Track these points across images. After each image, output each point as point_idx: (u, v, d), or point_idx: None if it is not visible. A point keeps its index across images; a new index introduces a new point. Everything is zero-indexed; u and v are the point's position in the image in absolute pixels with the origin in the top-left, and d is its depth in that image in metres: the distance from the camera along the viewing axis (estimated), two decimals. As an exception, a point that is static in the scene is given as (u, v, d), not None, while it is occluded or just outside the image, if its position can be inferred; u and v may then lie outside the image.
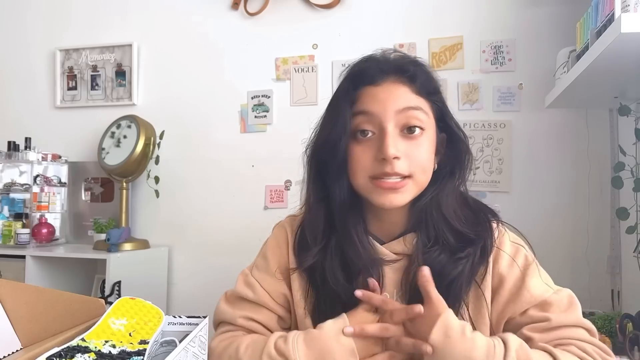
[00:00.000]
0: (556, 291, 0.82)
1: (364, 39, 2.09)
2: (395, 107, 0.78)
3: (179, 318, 0.75)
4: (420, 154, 0.79)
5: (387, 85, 0.80)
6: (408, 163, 0.78)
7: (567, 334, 0.77)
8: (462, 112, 1.97)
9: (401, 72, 0.81)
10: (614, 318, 1.43)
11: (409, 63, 0.82)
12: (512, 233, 0.89)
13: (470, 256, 0.81)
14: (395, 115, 0.78)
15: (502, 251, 0.84)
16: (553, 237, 1.85)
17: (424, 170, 0.80)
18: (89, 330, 0.64)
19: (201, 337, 0.71)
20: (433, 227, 0.82)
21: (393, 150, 0.75)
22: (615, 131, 1.78)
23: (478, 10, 1.98)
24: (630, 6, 1.07)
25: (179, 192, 2.29)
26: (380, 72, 0.81)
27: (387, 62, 0.83)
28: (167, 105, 2.33)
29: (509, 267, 0.83)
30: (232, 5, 2.25)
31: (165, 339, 0.70)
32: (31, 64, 2.53)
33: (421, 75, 0.81)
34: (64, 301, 0.65)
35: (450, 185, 0.85)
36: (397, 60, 0.83)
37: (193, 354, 0.67)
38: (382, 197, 0.79)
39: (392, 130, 0.77)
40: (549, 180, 1.89)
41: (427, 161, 0.80)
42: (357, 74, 0.84)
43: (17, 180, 2.31)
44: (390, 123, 0.78)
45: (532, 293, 0.80)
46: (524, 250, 0.85)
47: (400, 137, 0.78)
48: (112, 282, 1.90)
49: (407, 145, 0.78)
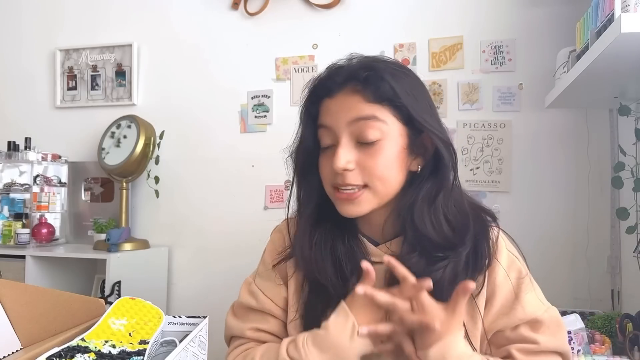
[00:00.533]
0: (547, 309, 0.82)
1: (364, 39, 2.09)
2: (346, 119, 0.78)
3: (179, 318, 0.75)
4: (375, 163, 0.78)
5: (340, 97, 0.80)
6: (362, 173, 0.78)
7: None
8: (462, 112, 1.97)
9: (354, 80, 0.79)
10: (614, 318, 1.43)
11: (361, 69, 0.80)
12: (507, 240, 0.89)
13: (449, 266, 0.79)
14: (348, 127, 0.78)
15: (497, 261, 0.83)
16: (553, 237, 1.85)
17: (381, 179, 0.79)
18: (89, 330, 0.64)
19: (201, 337, 0.71)
20: (410, 233, 0.81)
21: (342, 162, 0.77)
22: (615, 131, 1.78)
23: (478, 10, 1.98)
24: (630, 6, 1.07)
25: (179, 192, 2.29)
26: (335, 83, 0.81)
27: (341, 72, 0.82)
28: (167, 105, 2.33)
29: (504, 279, 0.82)
30: (232, 5, 2.25)
31: (165, 339, 0.70)
32: (31, 64, 2.53)
33: (375, 80, 0.78)
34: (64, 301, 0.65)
35: (430, 187, 0.82)
36: (351, 67, 0.82)
37: (193, 354, 0.67)
38: (341, 207, 0.81)
39: (345, 142, 0.78)
40: (549, 180, 1.89)
41: (386, 169, 0.79)
42: (316, 88, 0.85)
43: (17, 180, 2.31)
44: (344, 135, 0.78)
45: (525, 309, 0.81)
46: (519, 263, 0.85)
47: (355, 148, 0.79)
48: (112, 282, 1.90)
49: (362, 155, 0.78)
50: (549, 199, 1.88)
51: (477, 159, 1.95)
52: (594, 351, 1.25)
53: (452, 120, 1.96)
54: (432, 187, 0.82)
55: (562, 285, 1.81)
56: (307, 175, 0.87)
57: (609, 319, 1.44)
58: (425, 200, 0.81)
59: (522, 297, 0.81)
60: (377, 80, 0.78)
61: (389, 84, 0.78)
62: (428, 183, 0.82)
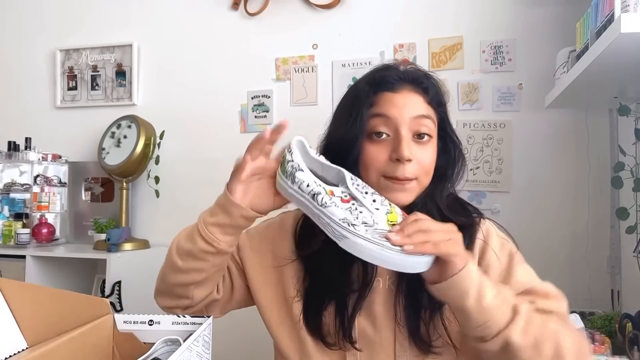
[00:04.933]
0: (542, 283, 0.87)
1: (364, 39, 2.10)
2: (410, 113, 0.84)
3: (183, 317, 0.75)
4: (427, 158, 0.84)
5: (404, 93, 0.86)
6: (416, 166, 0.83)
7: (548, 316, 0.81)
8: (462, 112, 1.98)
9: (417, 83, 0.87)
10: (613, 318, 1.44)
11: (423, 76, 0.89)
12: (496, 228, 0.94)
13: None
14: (410, 121, 0.84)
15: (488, 245, 0.89)
16: (553, 237, 1.85)
17: (427, 173, 0.85)
18: None
19: (205, 337, 0.71)
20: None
21: (408, 152, 0.81)
22: (615, 131, 1.78)
23: (478, 10, 1.99)
24: (630, 6, 1.08)
25: (179, 192, 2.29)
26: (399, 80, 0.87)
27: (404, 73, 0.89)
28: (167, 105, 2.33)
29: (495, 260, 0.87)
30: (232, 6, 2.25)
31: (169, 338, 0.71)
32: (31, 64, 2.53)
33: (432, 88, 0.88)
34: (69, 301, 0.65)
35: (441, 187, 0.89)
36: (413, 72, 0.89)
37: (197, 353, 0.67)
38: (391, 194, 0.82)
39: (406, 134, 0.83)
40: (548, 180, 1.89)
41: (431, 165, 0.86)
42: (377, 80, 0.89)
43: (17, 180, 2.31)
44: (405, 127, 0.83)
45: (518, 279, 0.85)
46: (510, 244, 0.92)
47: (412, 142, 0.84)
48: (112, 282, 1.90)
49: (417, 149, 0.83)
50: (549, 199, 1.88)
51: (477, 159, 1.96)
52: (594, 351, 1.25)
53: (452, 121, 1.96)
54: (442, 187, 0.90)
55: (562, 285, 1.80)
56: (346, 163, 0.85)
57: (609, 319, 1.45)
58: (437, 197, 0.88)
59: (514, 270, 0.86)
60: (435, 88, 0.89)
61: (442, 94, 0.90)
62: (439, 183, 0.89)
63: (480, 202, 1.91)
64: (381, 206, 0.72)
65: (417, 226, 0.70)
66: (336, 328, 0.86)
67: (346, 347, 0.86)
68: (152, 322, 0.75)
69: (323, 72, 2.15)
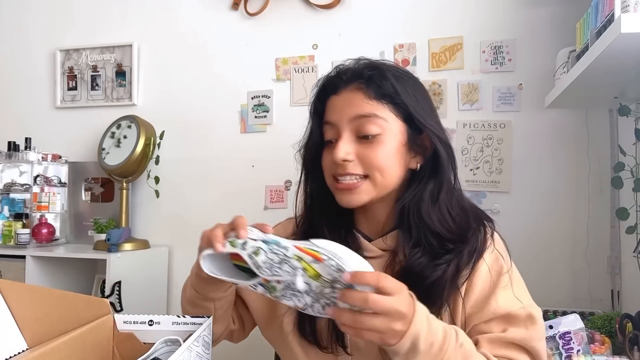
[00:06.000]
0: (524, 307, 0.82)
1: (364, 39, 2.09)
2: (348, 115, 0.83)
3: (183, 318, 0.75)
4: (374, 155, 0.82)
5: (345, 94, 0.85)
6: (362, 164, 0.82)
7: (512, 356, 0.78)
8: (462, 112, 1.97)
9: (359, 78, 0.84)
10: (613, 318, 1.43)
11: (365, 68, 0.86)
12: (498, 238, 0.90)
13: (453, 261, 0.82)
14: (350, 123, 0.83)
15: (483, 258, 0.85)
16: (553, 237, 1.85)
17: (380, 169, 0.83)
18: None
19: (205, 337, 0.71)
20: (415, 228, 0.84)
21: (342, 154, 0.81)
22: (615, 131, 1.78)
23: (478, 11, 1.99)
24: (630, 6, 1.08)
25: (179, 192, 2.29)
26: (341, 81, 0.87)
27: (347, 71, 0.87)
28: (167, 105, 2.33)
29: (485, 275, 0.84)
30: (232, 5, 2.25)
31: (169, 338, 0.71)
32: (31, 64, 2.53)
33: (377, 79, 0.83)
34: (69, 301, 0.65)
35: (432, 186, 0.85)
36: (357, 66, 0.87)
37: (197, 353, 0.67)
38: (340, 197, 0.85)
39: (346, 136, 0.83)
40: (548, 180, 1.89)
41: (385, 161, 0.83)
42: (323, 86, 0.91)
43: (17, 180, 2.30)
44: (345, 130, 0.83)
45: (499, 304, 0.81)
46: (501, 261, 0.86)
47: (356, 142, 0.83)
48: (112, 282, 1.90)
49: (362, 148, 0.83)
50: (549, 199, 1.88)
51: (477, 159, 1.96)
52: (594, 351, 1.25)
53: (452, 121, 1.97)
54: (435, 185, 0.85)
55: (562, 285, 1.82)
56: (314, 170, 0.91)
57: (609, 319, 1.44)
58: (430, 197, 0.84)
59: (497, 292, 0.82)
60: (380, 79, 0.83)
61: (390, 83, 0.83)
62: (430, 181, 0.86)
63: (480, 202, 1.91)
64: (294, 272, 0.66)
65: (357, 302, 0.62)
66: (329, 332, 0.86)
67: (338, 352, 0.87)
68: (152, 322, 0.75)
69: (323, 73, 2.11)
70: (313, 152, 0.90)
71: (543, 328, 0.83)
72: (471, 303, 0.82)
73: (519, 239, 1.84)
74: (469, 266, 0.83)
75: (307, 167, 0.94)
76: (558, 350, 1.22)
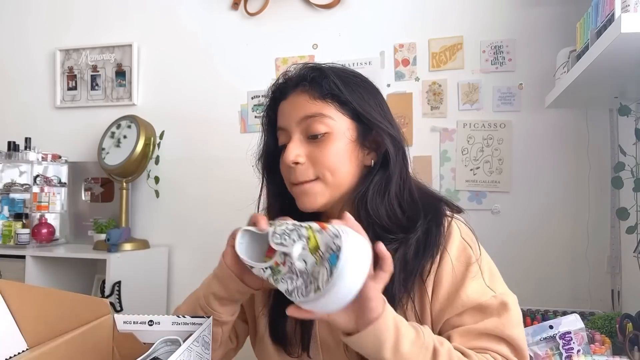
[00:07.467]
0: (495, 295, 0.80)
1: (364, 39, 2.09)
2: (295, 117, 0.84)
3: (183, 318, 0.75)
4: (324, 156, 0.83)
5: (291, 98, 0.87)
6: (313, 166, 0.83)
7: (488, 346, 0.77)
8: (462, 112, 1.98)
9: (303, 81, 0.86)
10: (614, 318, 1.43)
11: (309, 70, 0.87)
12: (464, 228, 0.88)
13: (400, 247, 0.81)
14: (298, 125, 0.84)
15: (447, 251, 0.83)
16: (553, 237, 1.85)
17: (330, 169, 0.83)
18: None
19: (205, 337, 0.71)
20: (365, 223, 0.81)
21: (292, 156, 0.82)
22: (615, 131, 1.78)
23: (478, 11, 1.99)
24: (630, 6, 1.08)
25: (179, 192, 2.29)
26: (287, 86, 0.88)
27: (292, 76, 0.89)
28: (167, 105, 2.33)
29: (451, 269, 0.82)
30: (232, 5, 2.25)
31: (169, 338, 0.71)
32: (31, 64, 2.53)
33: (320, 79, 0.85)
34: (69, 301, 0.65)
35: (379, 181, 0.85)
36: (301, 71, 0.88)
37: (197, 353, 0.67)
38: (299, 202, 0.85)
39: (296, 137, 0.84)
40: (549, 180, 1.89)
41: (335, 160, 0.83)
42: (273, 93, 0.92)
43: (17, 180, 2.30)
44: (295, 132, 0.84)
45: (468, 296, 0.79)
46: (469, 250, 0.84)
47: (306, 143, 0.84)
48: (112, 282, 1.90)
49: (312, 149, 0.83)
50: (549, 199, 1.88)
51: (477, 159, 1.96)
52: (594, 351, 1.25)
53: (452, 121, 1.97)
54: (382, 178, 0.85)
55: (562, 285, 1.82)
56: (273, 178, 0.92)
57: (609, 319, 1.44)
58: (377, 190, 0.84)
59: (466, 284, 0.80)
60: (322, 79, 0.85)
61: (332, 81, 0.84)
62: (378, 175, 0.86)
63: (480, 202, 1.91)
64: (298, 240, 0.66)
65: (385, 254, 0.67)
66: (296, 338, 0.87)
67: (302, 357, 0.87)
68: (152, 322, 0.75)
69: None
70: (270, 160, 0.92)
71: (519, 315, 0.81)
72: (441, 298, 0.81)
73: (519, 239, 1.84)
74: (433, 259, 0.82)
75: (266, 177, 0.96)
76: (558, 350, 1.22)
